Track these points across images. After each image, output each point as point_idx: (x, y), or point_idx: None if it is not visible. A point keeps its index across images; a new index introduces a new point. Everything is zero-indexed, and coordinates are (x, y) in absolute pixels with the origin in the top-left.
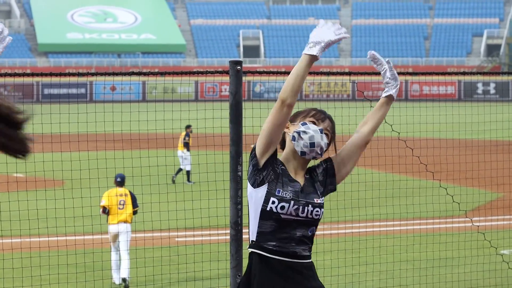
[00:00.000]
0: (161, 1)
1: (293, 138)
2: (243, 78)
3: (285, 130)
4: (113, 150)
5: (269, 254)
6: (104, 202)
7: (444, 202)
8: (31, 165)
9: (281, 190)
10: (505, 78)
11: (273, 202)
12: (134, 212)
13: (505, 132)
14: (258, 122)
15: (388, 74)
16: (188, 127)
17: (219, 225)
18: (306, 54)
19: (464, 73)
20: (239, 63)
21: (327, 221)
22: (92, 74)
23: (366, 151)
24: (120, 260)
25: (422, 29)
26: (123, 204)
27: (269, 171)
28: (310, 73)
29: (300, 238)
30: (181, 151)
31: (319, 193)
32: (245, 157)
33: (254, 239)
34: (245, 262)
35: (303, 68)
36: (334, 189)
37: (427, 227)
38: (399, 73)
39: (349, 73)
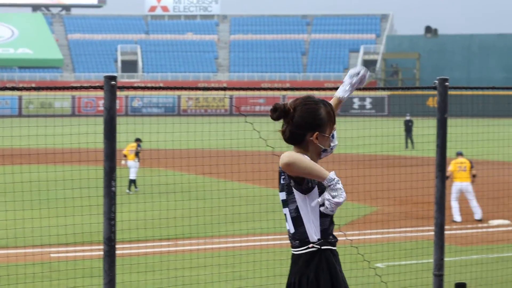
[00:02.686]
0: (38, 15)
1: (325, 151)
2: (121, 93)
3: (314, 140)
4: None
5: (333, 247)
6: None
7: None
8: None
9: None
10: (380, 93)
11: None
12: None
13: (378, 147)
14: (133, 137)
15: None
16: (139, 140)
17: (92, 241)
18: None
19: None
20: (114, 78)
21: (201, 235)
22: None
23: (240, 166)
24: None
25: (299, 44)
26: None
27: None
28: (186, 88)
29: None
30: (133, 161)
31: None
32: (119, 172)
33: (320, 237)
34: (122, 277)
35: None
36: None
37: None
38: (276, 89)
39: (225, 89)
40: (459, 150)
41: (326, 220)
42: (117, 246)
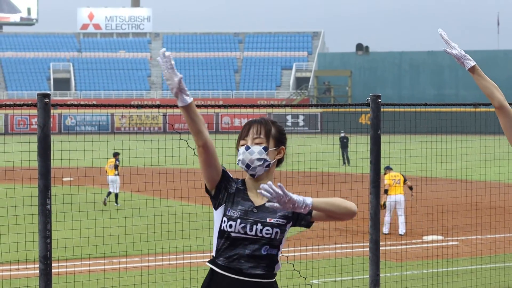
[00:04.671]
0: None
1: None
2: (54, 111)
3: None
4: None
5: (218, 269)
6: None
7: None
8: None
9: (231, 210)
10: (313, 110)
11: (224, 221)
12: None
13: (313, 163)
14: (67, 155)
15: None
16: (116, 154)
17: (28, 259)
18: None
19: (273, 106)
20: (47, 96)
21: (137, 253)
22: None
23: (176, 183)
24: None
25: (232, 62)
26: None
27: (223, 194)
28: (119, 106)
29: (250, 256)
30: (113, 176)
31: (280, 214)
32: (54, 190)
33: (214, 255)
34: None
35: (187, 118)
36: (307, 226)
37: None
38: (208, 106)
39: (158, 106)
40: (387, 165)
41: (221, 241)
42: (53, 264)
